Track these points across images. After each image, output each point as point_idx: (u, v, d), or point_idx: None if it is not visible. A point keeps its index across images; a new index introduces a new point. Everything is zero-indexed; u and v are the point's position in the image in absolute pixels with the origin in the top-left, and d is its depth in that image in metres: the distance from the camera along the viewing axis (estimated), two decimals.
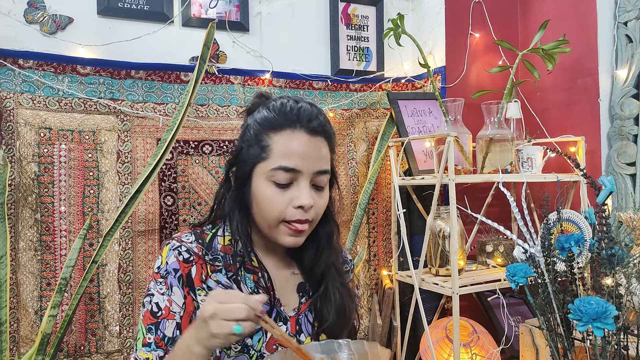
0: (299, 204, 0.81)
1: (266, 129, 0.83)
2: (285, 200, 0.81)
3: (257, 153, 0.83)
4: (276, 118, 0.83)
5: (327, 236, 0.93)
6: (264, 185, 0.82)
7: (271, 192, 0.82)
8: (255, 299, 0.70)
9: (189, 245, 0.86)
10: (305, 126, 0.82)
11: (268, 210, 0.82)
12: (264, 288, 0.86)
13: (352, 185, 1.83)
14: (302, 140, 0.82)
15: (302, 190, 0.81)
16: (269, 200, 0.82)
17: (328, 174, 0.86)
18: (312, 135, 0.83)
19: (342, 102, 1.82)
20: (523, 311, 1.76)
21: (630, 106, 1.57)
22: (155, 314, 0.82)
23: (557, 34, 1.61)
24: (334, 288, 0.91)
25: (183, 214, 1.60)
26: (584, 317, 0.77)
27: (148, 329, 0.82)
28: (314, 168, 0.82)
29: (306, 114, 0.83)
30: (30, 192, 1.42)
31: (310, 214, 0.83)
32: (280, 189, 0.82)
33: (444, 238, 1.53)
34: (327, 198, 0.88)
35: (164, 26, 1.63)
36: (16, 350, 1.39)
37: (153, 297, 0.83)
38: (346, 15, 1.91)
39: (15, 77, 1.42)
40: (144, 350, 0.80)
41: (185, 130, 1.60)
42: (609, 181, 0.91)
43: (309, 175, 0.82)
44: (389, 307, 1.69)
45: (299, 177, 0.82)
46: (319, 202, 0.85)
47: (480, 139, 1.57)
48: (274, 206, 0.82)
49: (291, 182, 0.82)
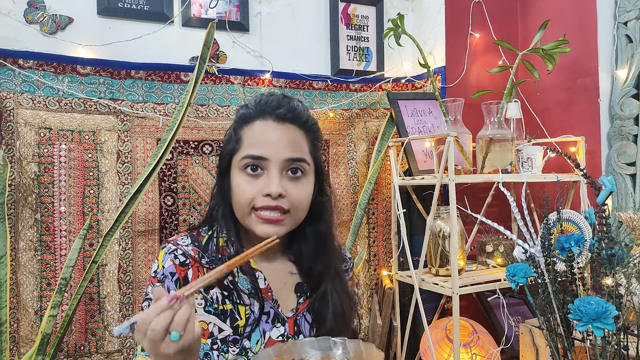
0: (267, 191, 0.81)
1: (241, 124, 0.87)
2: (255, 189, 0.82)
3: (233, 146, 0.86)
4: (249, 112, 0.86)
5: (322, 235, 0.92)
6: (237, 176, 0.84)
7: (242, 180, 0.83)
8: (153, 304, 0.64)
9: (184, 248, 0.85)
10: (272, 113, 0.84)
11: (239, 199, 0.83)
12: (260, 289, 0.86)
13: (352, 185, 1.83)
14: (270, 127, 0.84)
15: (270, 178, 0.81)
16: (240, 188, 0.83)
17: (302, 162, 0.84)
18: (280, 122, 0.84)
19: (342, 102, 1.82)
20: (523, 311, 1.76)
21: (630, 106, 1.57)
22: None
23: (557, 34, 1.61)
24: (333, 292, 0.90)
25: (183, 214, 1.60)
26: (584, 317, 0.77)
27: None
28: (283, 155, 0.82)
29: (274, 102, 0.85)
30: (30, 192, 1.42)
31: (282, 202, 0.82)
32: (251, 177, 0.83)
33: (444, 238, 1.53)
34: (309, 190, 0.87)
35: (164, 26, 1.63)
36: (16, 350, 1.39)
37: (151, 301, 0.83)
38: (346, 15, 1.91)
39: (15, 77, 1.42)
40: (142, 354, 0.80)
41: (185, 130, 1.60)
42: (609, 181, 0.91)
43: (279, 163, 0.82)
44: (389, 307, 1.69)
45: (269, 165, 0.82)
46: (293, 191, 0.83)
47: (480, 139, 1.57)
48: (244, 194, 0.82)
49: (262, 170, 0.83)
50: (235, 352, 0.83)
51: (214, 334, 0.83)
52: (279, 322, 0.88)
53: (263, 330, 0.86)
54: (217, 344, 0.83)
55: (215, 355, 0.83)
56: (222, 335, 0.83)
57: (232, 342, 0.84)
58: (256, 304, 0.86)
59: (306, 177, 0.86)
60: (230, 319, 0.84)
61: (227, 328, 0.84)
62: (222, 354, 0.83)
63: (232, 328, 0.84)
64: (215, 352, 0.83)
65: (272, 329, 0.87)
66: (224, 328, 0.84)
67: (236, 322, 0.84)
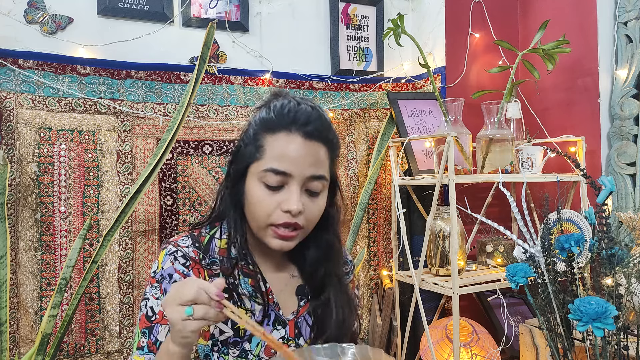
0: (286, 208, 0.79)
1: (263, 129, 0.82)
2: (274, 203, 0.80)
3: (252, 152, 0.82)
4: (273, 119, 0.82)
5: (328, 243, 0.91)
6: (255, 186, 0.81)
7: (261, 193, 0.80)
8: (211, 284, 0.68)
9: (185, 250, 0.85)
10: (300, 129, 0.80)
11: (257, 212, 0.81)
12: (261, 292, 0.86)
13: (352, 185, 1.83)
14: (296, 144, 0.80)
15: (291, 195, 0.79)
16: (258, 201, 0.81)
17: (323, 180, 0.83)
18: (308, 139, 0.81)
19: (342, 102, 1.82)
20: (523, 311, 1.76)
21: (630, 106, 1.57)
22: (150, 318, 0.82)
23: (557, 34, 1.61)
24: (336, 299, 0.89)
25: (183, 214, 1.60)
26: (584, 317, 0.77)
27: (142, 332, 0.82)
28: (306, 173, 0.80)
29: (304, 117, 0.81)
30: (30, 192, 1.42)
31: (299, 219, 0.80)
32: (271, 191, 0.80)
33: (444, 238, 1.53)
34: (323, 205, 0.85)
35: (164, 26, 1.64)
36: (16, 350, 1.39)
37: (148, 301, 0.83)
38: (346, 15, 1.91)
39: (15, 77, 1.42)
40: (138, 353, 0.81)
41: (185, 130, 1.60)
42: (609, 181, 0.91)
43: (301, 180, 0.80)
44: (389, 307, 1.69)
45: (290, 181, 0.80)
46: (310, 208, 0.82)
47: (480, 139, 1.57)
48: (262, 208, 0.80)
49: (282, 185, 0.80)
50: (235, 354, 0.83)
51: (215, 335, 0.83)
52: (280, 325, 0.88)
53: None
54: (217, 346, 0.83)
55: (215, 357, 0.83)
56: (223, 337, 0.83)
57: (232, 344, 0.84)
58: (257, 307, 0.86)
59: (322, 192, 0.85)
60: (232, 321, 0.84)
61: (228, 330, 0.84)
62: (223, 355, 0.83)
63: (233, 330, 0.84)
64: (216, 353, 0.83)
65: (273, 332, 0.87)
66: (225, 330, 0.84)
67: (237, 324, 0.84)
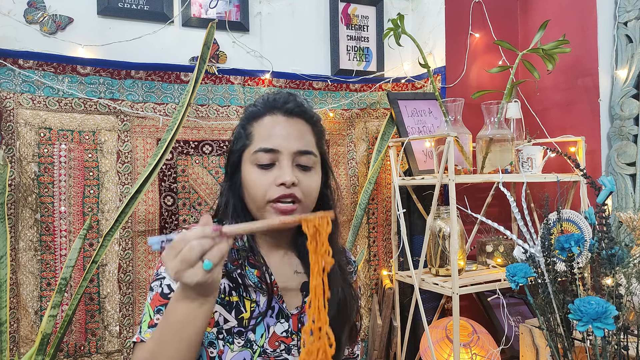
0: (280, 181, 0.84)
1: (250, 120, 0.90)
2: (269, 180, 0.85)
3: (243, 142, 0.89)
4: (258, 109, 0.90)
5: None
6: (249, 169, 0.87)
7: (255, 174, 0.86)
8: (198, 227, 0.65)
9: None
10: (281, 108, 0.89)
11: (254, 192, 0.86)
12: (266, 283, 0.87)
13: (352, 185, 1.83)
14: (280, 122, 0.88)
15: (283, 169, 0.85)
16: (253, 182, 0.86)
17: (311, 155, 0.88)
18: (289, 116, 0.89)
19: (342, 102, 1.82)
20: (523, 311, 1.76)
21: (630, 106, 1.57)
22: (167, 295, 0.82)
23: (557, 34, 1.62)
24: (336, 282, 0.91)
25: (183, 214, 1.60)
26: (584, 317, 0.77)
27: (157, 310, 0.82)
28: (293, 147, 0.86)
29: (282, 98, 0.89)
30: (30, 192, 1.42)
31: (295, 190, 0.84)
32: (264, 170, 0.86)
33: (444, 238, 1.53)
34: (318, 180, 0.90)
35: (164, 26, 1.63)
36: (16, 350, 1.39)
37: (164, 279, 0.84)
38: (346, 15, 1.91)
39: (15, 77, 1.42)
40: (150, 331, 0.80)
41: (185, 130, 1.60)
42: (609, 181, 0.91)
43: (290, 155, 0.86)
44: (389, 307, 1.69)
45: (280, 157, 0.85)
46: (305, 181, 0.86)
47: (480, 139, 1.57)
48: (258, 187, 0.85)
49: (273, 162, 0.86)
50: (240, 344, 0.84)
51: (220, 323, 0.84)
52: (283, 318, 0.89)
53: (267, 325, 0.87)
54: (222, 334, 0.84)
55: (220, 345, 0.84)
56: (227, 326, 0.85)
57: (237, 334, 0.85)
58: (262, 298, 0.87)
59: (314, 168, 0.90)
60: (236, 310, 0.85)
61: (232, 319, 0.85)
62: (228, 344, 0.84)
63: (236, 320, 0.85)
64: (221, 341, 0.84)
65: (277, 324, 0.88)
66: (229, 319, 0.85)
67: (241, 315, 0.85)
